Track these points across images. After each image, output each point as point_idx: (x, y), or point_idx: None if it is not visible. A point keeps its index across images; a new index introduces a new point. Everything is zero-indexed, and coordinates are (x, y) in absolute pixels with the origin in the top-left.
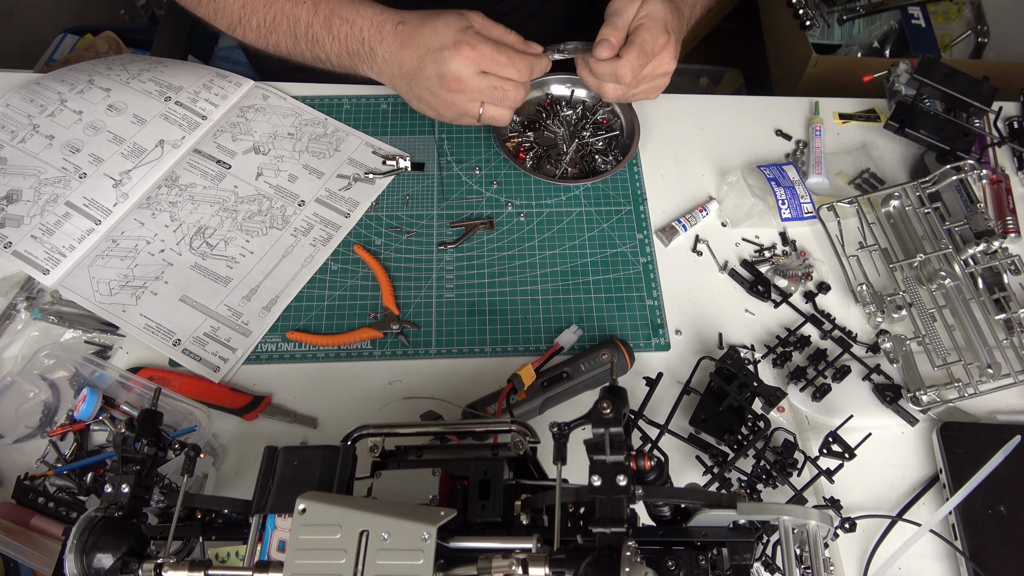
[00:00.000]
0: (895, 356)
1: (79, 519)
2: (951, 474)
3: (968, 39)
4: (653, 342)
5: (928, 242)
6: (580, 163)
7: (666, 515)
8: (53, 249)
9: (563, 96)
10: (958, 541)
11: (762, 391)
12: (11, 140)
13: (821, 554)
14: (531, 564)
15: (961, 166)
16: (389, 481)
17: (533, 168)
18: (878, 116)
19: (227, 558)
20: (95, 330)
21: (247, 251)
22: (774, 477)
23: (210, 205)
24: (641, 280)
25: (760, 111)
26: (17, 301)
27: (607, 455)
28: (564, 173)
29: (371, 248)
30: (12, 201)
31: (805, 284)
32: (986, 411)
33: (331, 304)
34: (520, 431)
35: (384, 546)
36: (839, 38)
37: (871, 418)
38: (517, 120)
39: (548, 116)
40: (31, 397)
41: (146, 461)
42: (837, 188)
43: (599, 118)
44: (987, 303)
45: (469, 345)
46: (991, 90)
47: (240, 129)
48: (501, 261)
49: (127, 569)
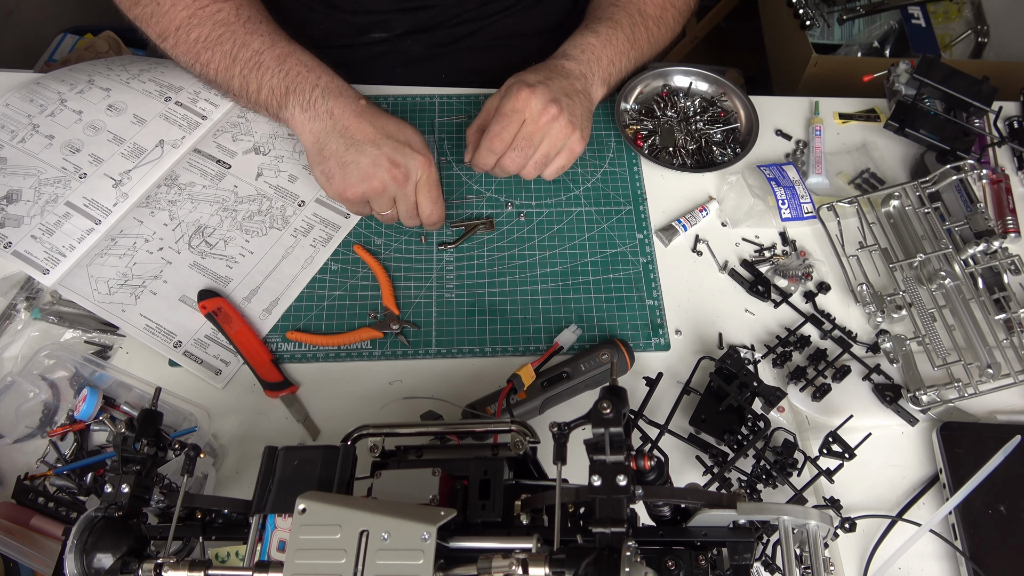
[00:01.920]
0: (895, 356)
1: (79, 519)
2: (951, 474)
3: (968, 39)
4: (653, 342)
5: (928, 242)
6: (697, 154)
7: (666, 515)
8: (53, 249)
9: (681, 88)
10: (958, 541)
11: (762, 391)
12: (11, 140)
13: (821, 554)
14: (531, 564)
15: (961, 166)
16: (389, 481)
17: (650, 156)
18: (878, 116)
19: (227, 558)
20: (95, 330)
21: (247, 251)
22: (774, 477)
23: (210, 204)
24: (641, 280)
25: (760, 111)
26: (17, 301)
27: (607, 455)
28: (681, 163)
29: (371, 248)
30: (12, 201)
31: (805, 284)
32: (986, 411)
33: (331, 304)
34: (520, 431)
35: (384, 546)
36: (839, 38)
37: (871, 418)
38: (635, 108)
39: (666, 106)
40: (31, 397)
41: (146, 461)
42: (837, 188)
43: (718, 111)
44: (987, 303)
45: (469, 345)
46: (991, 90)
47: (240, 129)
48: (501, 261)
49: (127, 569)
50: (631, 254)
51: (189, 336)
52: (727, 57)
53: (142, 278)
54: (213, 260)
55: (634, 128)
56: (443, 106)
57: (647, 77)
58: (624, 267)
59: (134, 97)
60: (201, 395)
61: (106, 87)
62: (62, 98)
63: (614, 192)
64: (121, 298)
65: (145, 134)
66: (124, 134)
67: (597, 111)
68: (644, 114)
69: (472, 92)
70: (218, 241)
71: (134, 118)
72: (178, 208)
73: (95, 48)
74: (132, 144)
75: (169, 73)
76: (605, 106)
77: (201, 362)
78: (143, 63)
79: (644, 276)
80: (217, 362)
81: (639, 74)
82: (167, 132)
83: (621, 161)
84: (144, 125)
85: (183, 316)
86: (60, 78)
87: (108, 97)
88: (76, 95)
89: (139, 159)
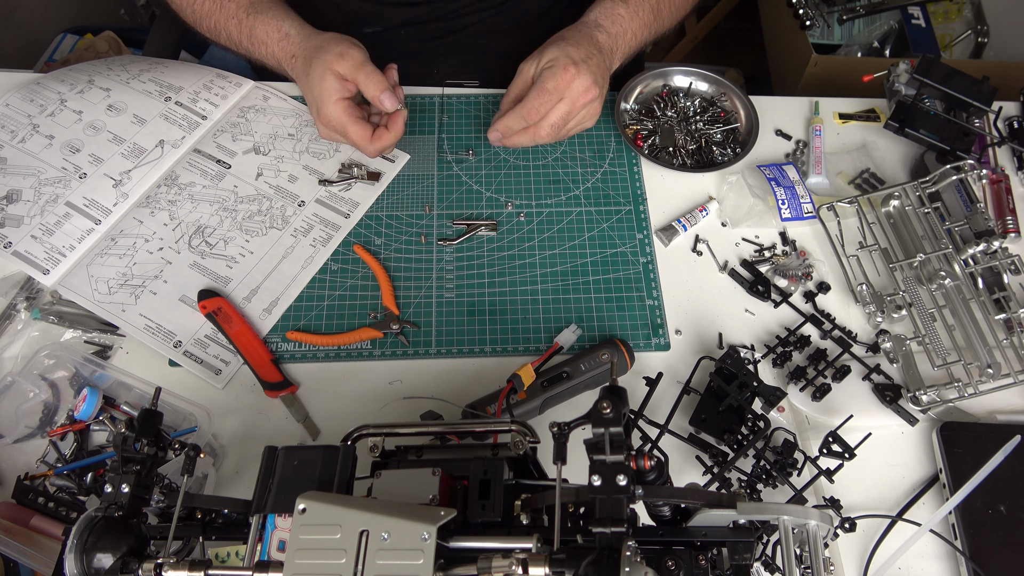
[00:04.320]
0: (895, 356)
1: (79, 519)
2: (951, 474)
3: (968, 39)
4: (653, 342)
5: (928, 242)
6: (697, 154)
7: (666, 515)
8: (53, 249)
9: (681, 88)
10: (958, 541)
11: (762, 391)
12: (11, 140)
13: (821, 554)
14: (531, 564)
15: (961, 166)
16: (389, 481)
17: (650, 156)
18: (878, 116)
19: (227, 558)
20: (95, 330)
21: (247, 251)
22: (774, 477)
23: (209, 204)
24: (641, 280)
25: (760, 111)
26: (17, 301)
27: (607, 455)
28: (681, 163)
29: (371, 248)
30: (12, 201)
31: (805, 284)
32: (986, 411)
33: (331, 304)
34: (520, 431)
35: (384, 546)
36: (839, 38)
37: (871, 418)
38: (635, 108)
39: (666, 106)
40: (31, 397)
41: (146, 461)
42: (837, 188)
43: (718, 111)
44: (987, 303)
45: (469, 345)
46: (991, 90)
47: (240, 129)
48: (501, 261)
49: (127, 569)
50: (631, 254)
51: (189, 336)
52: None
53: (142, 278)
54: (213, 260)
55: (634, 128)
56: (443, 106)
57: (647, 77)
58: (624, 267)
59: (134, 97)
60: (201, 395)
61: (106, 87)
62: (62, 98)
63: (614, 192)
64: (121, 298)
65: (145, 134)
66: (124, 134)
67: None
68: (644, 114)
69: (472, 92)
70: (218, 241)
71: (134, 118)
72: (178, 208)
73: (95, 48)
74: (132, 144)
75: (169, 73)
76: (605, 106)
77: (201, 362)
78: (143, 63)
79: (644, 276)
80: (217, 362)
81: (639, 74)
82: (167, 132)
83: (621, 161)
84: (144, 125)
85: (183, 316)
86: (60, 78)
87: (108, 97)
88: (76, 95)
89: (139, 159)
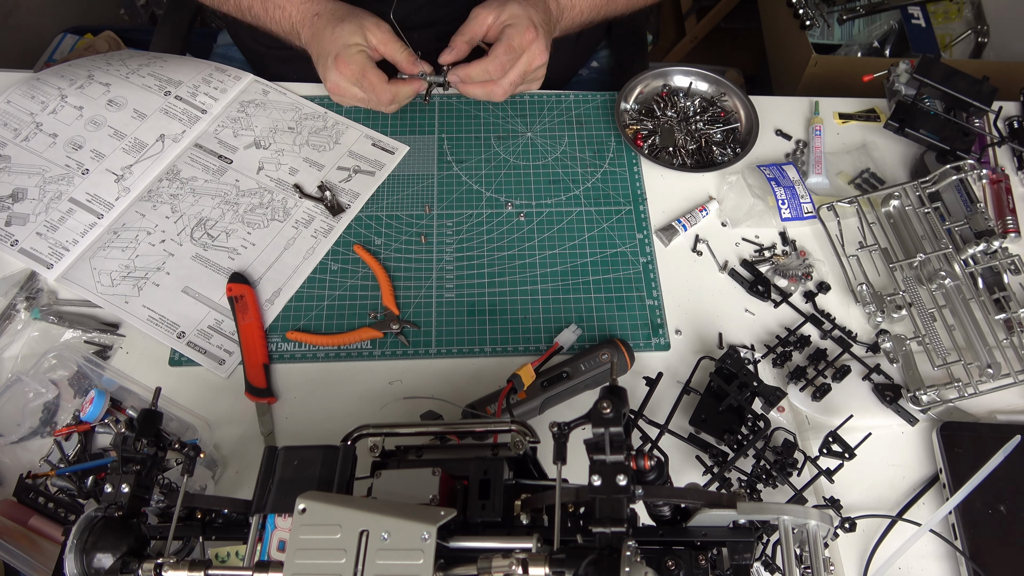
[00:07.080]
0: (895, 356)
1: (79, 519)
2: (951, 474)
3: (968, 39)
4: (653, 342)
5: (928, 242)
6: (697, 154)
7: (666, 515)
8: (57, 244)
9: (681, 88)
10: (958, 541)
11: (762, 391)
12: (14, 138)
13: (821, 554)
14: (531, 564)
15: (961, 166)
16: (389, 481)
17: (650, 156)
18: (878, 116)
19: (227, 558)
20: (95, 330)
21: (249, 243)
22: (774, 477)
23: (211, 198)
24: (641, 280)
25: (760, 111)
26: (17, 301)
27: (607, 455)
28: (681, 163)
29: (371, 248)
30: (18, 199)
31: (805, 284)
32: (986, 411)
33: (331, 304)
34: (520, 431)
35: (384, 546)
36: (839, 38)
37: (871, 418)
38: (635, 108)
39: (666, 106)
40: (31, 397)
41: (146, 461)
42: (837, 188)
43: (718, 111)
44: (987, 303)
45: (469, 345)
46: (991, 90)
47: (241, 124)
48: (501, 261)
49: (127, 569)
50: (631, 254)
51: (192, 326)
52: (727, 57)
53: (145, 270)
54: (215, 252)
55: (634, 128)
56: (443, 106)
57: (647, 77)
58: (624, 267)
59: (134, 92)
60: (201, 402)
61: (106, 82)
62: (63, 94)
63: (614, 192)
64: (124, 290)
65: (146, 129)
66: (125, 129)
67: (596, 111)
68: (644, 114)
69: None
70: (220, 233)
71: (134, 113)
72: (180, 202)
73: (95, 48)
74: (133, 139)
75: (168, 67)
76: (605, 106)
77: (205, 352)
78: (142, 58)
79: (644, 276)
80: (221, 352)
81: (639, 74)
82: (167, 126)
83: (621, 161)
84: (144, 120)
85: (186, 307)
86: (60, 73)
87: (108, 92)
88: (76, 91)
89: (140, 154)
